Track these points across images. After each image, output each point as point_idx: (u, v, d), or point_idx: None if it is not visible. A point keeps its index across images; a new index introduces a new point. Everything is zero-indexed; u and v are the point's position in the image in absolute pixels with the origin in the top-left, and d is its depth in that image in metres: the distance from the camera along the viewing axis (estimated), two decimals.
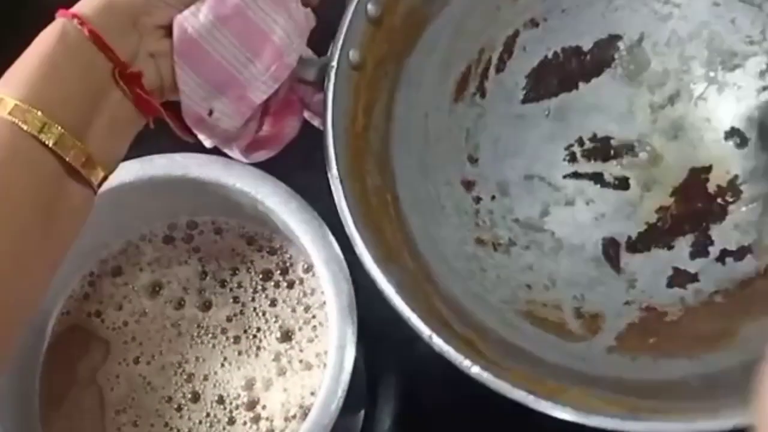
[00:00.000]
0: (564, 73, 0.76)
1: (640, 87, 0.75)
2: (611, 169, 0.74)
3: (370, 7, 0.66)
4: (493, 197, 0.74)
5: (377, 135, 0.69)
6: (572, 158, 0.75)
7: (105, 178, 0.53)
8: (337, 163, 0.62)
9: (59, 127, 0.49)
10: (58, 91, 0.50)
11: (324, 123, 0.63)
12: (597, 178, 0.74)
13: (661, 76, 0.75)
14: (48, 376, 0.66)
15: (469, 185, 0.74)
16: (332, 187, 0.62)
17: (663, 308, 0.70)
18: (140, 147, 0.64)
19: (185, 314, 0.67)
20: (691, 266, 0.71)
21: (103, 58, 0.52)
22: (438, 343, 0.58)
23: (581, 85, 0.76)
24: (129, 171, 0.64)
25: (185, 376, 0.65)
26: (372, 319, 0.60)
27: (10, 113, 0.48)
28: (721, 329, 0.68)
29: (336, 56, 0.64)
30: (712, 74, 0.75)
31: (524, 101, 0.76)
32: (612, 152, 0.74)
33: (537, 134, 0.75)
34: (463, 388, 0.58)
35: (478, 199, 0.74)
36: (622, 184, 0.74)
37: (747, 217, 0.72)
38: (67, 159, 0.50)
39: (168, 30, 0.56)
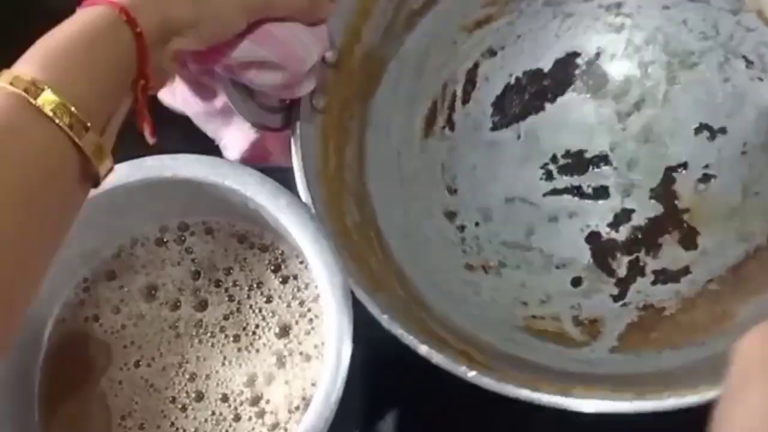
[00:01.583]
0: (529, 96, 0.78)
1: (605, 98, 0.77)
2: (589, 181, 0.75)
3: (327, 54, 0.67)
4: (477, 224, 0.74)
5: (352, 174, 0.70)
6: (549, 176, 0.75)
7: (110, 171, 0.51)
8: (314, 205, 0.63)
9: (73, 109, 0.47)
10: (94, 81, 0.49)
11: (295, 170, 0.64)
12: (576, 191, 0.75)
13: (624, 84, 0.77)
14: (47, 384, 0.66)
15: (451, 216, 0.74)
16: None
17: (660, 304, 0.70)
18: (128, 148, 0.64)
19: (182, 315, 0.67)
20: (682, 260, 0.71)
21: (135, 65, 0.51)
22: (434, 356, 0.58)
23: (547, 105, 0.77)
24: (118, 174, 0.63)
25: (187, 376, 0.64)
26: (370, 326, 0.60)
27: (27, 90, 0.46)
28: (721, 313, 0.68)
29: (300, 102, 0.66)
30: (673, 76, 0.76)
31: (494, 128, 0.77)
32: (587, 165, 0.75)
33: (511, 158, 0.76)
34: (465, 397, 0.58)
35: (462, 228, 0.74)
36: (602, 193, 0.74)
37: (729, 205, 0.72)
38: (80, 143, 0.47)
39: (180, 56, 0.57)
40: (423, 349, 0.58)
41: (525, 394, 0.57)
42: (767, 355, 0.45)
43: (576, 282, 0.72)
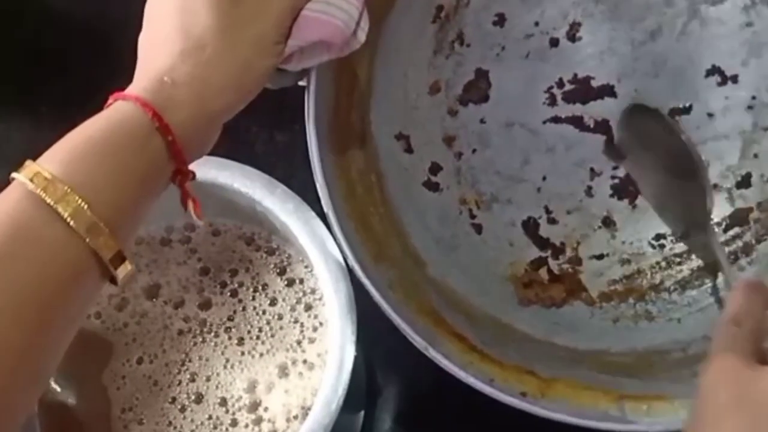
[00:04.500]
0: None
1: (620, 21, 0.73)
2: (591, 112, 0.74)
3: None
4: (474, 150, 0.73)
5: (358, 114, 0.67)
6: (552, 101, 0.74)
7: (130, 274, 0.49)
8: (324, 169, 0.61)
9: (90, 212, 0.45)
10: (118, 185, 0.47)
11: (308, 133, 0.61)
12: (576, 121, 0.73)
13: (643, 10, 0.73)
14: None
15: (450, 141, 0.73)
16: (320, 195, 0.61)
17: (641, 261, 0.72)
18: None
19: (186, 314, 0.67)
20: None
21: (170, 164, 0.49)
22: (434, 355, 0.60)
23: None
24: None
25: (189, 376, 0.65)
26: (372, 317, 0.61)
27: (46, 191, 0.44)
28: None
29: None
30: (695, 9, 0.73)
31: (503, 42, 0.74)
32: (592, 93, 0.73)
33: (516, 77, 0.74)
34: (464, 386, 0.60)
35: (459, 155, 0.73)
36: (602, 127, 0.73)
37: (725, 162, 0.73)
38: (96, 249, 0.45)
39: None
40: (422, 346, 0.60)
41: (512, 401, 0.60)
42: (733, 396, 0.48)
43: (564, 221, 0.73)
